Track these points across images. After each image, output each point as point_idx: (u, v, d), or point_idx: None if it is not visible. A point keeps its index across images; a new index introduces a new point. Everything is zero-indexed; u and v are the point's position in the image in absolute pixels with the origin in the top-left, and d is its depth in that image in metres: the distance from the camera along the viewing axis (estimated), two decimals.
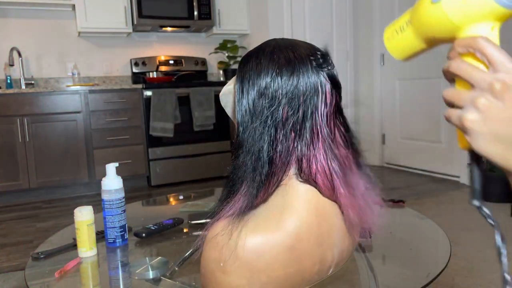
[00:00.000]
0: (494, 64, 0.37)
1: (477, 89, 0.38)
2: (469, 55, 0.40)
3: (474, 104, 0.38)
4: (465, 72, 0.39)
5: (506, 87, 0.36)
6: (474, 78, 0.38)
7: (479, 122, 0.38)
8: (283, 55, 0.63)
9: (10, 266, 1.98)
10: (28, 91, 3.17)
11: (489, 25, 0.40)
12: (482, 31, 0.40)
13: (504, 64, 0.37)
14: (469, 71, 0.39)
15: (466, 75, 0.39)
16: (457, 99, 0.40)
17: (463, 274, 1.67)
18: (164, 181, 3.56)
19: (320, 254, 0.63)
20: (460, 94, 0.39)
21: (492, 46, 0.38)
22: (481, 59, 0.39)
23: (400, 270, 0.84)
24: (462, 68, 0.39)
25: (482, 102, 0.37)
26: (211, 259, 0.60)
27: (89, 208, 0.95)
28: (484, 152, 0.38)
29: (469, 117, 0.38)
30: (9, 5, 3.49)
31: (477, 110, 0.37)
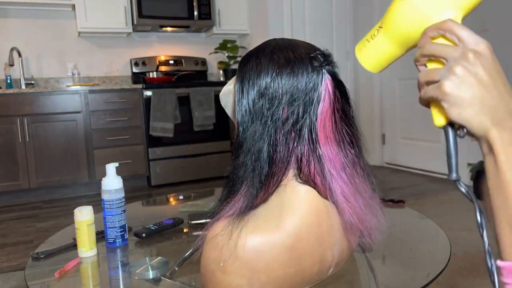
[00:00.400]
0: (463, 40, 0.41)
1: (451, 60, 0.41)
2: (439, 37, 0.43)
3: (451, 71, 0.41)
4: (438, 50, 0.42)
5: (478, 54, 0.41)
6: (447, 52, 0.42)
7: (456, 86, 0.40)
8: (283, 55, 0.63)
9: (10, 266, 1.98)
10: (28, 91, 3.17)
11: (453, 14, 0.45)
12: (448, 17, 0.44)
13: (473, 37, 0.41)
14: (442, 48, 0.42)
15: (440, 52, 0.42)
16: (434, 74, 0.43)
17: (463, 274, 1.67)
18: (164, 181, 3.56)
19: (320, 254, 0.63)
20: (436, 70, 0.43)
21: (460, 26, 0.42)
22: (451, 39, 0.42)
23: (400, 270, 0.84)
24: (435, 47, 0.43)
25: (458, 68, 0.40)
26: (211, 259, 0.60)
27: (89, 208, 0.95)
28: (461, 117, 0.41)
29: (447, 83, 0.41)
30: (9, 5, 3.49)
31: (454, 75, 0.41)
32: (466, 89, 0.40)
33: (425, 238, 1.02)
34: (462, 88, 0.40)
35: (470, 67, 0.40)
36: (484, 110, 0.40)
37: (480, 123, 0.41)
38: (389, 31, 0.49)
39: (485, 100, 0.40)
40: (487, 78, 0.40)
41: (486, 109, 0.40)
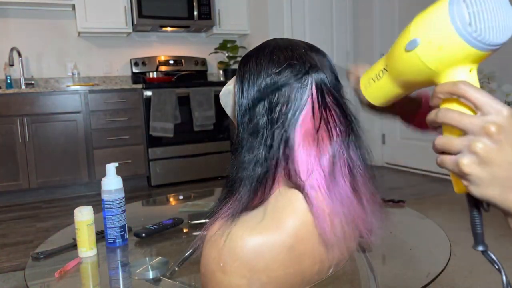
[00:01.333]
0: (481, 107, 0.37)
1: (470, 134, 0.37)
2: (452, 100, 0.39)
3: (470, 149, 0.37)
4: (454, 120, 0.38)
5: (501, 128, 0.36)
6: (465, 124, 0.37)
7: (477, 166, 0.37)
8: (283, 55, 0.63)
9: (10, 266, 1.98)
10: (28, 91, 3.17)
11: (467, 68, 0.40)
12: (461, 75, 0.40)
13: (492, 105, 0.37)
14: (458, 118, 0.38)
15: (456, 122, 0.38)
16: (451, 146, 0.39)
17: (463, 274, 1.67)
18: (164, 181, 3.56)
19: (320, 254, 0.63)
20: (453, 141, 0.39)
21: (475, 90, 0.37)
22: (466, 104, 0.38)
23: (400, 270, 0.84)
24: (450, 116, 0.38)
25: (479, 146, 0.36)
26: (211, 259, 0.60)
27: (89, 208, 0.95)
28: (484, 196, 0.38)
29: (467, 162, 0.37)
30: (9, 5, 3.49)
31: (474, 154, 0.37)
32: (488, 169, 0.37)
33: (425, 238, 1.02)
34: (484, 168, 0.37)
35: (492, 145, 0.36)
36: (508, 187, 0.37)
37: (506, 201, 0.37)
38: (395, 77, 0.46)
39: (509, 178, 0.37)
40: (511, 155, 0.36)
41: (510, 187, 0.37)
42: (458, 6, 0.37)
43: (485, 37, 0.37)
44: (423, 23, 0.40)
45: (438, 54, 0.39)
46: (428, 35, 0.40)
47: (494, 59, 0.85)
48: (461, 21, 0.37)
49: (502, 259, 0.44)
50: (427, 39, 0.40)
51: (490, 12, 0.37)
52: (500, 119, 0.36)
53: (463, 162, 0.37)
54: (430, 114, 0.40)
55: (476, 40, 0.37)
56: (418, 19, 0.41)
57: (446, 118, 0.39)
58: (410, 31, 0.42)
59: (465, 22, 0.37)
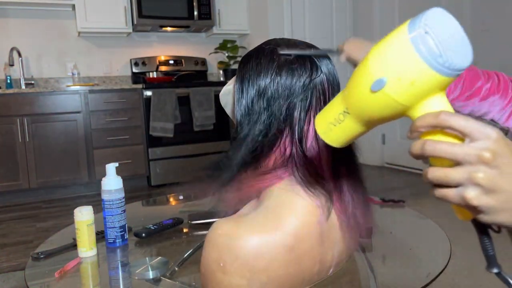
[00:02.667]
0: (469, 134, 0.36)
1: (466, 164, 0.36)
2: (435, 132, 0.39)
3: (472, 181, 0.36)
4: (445, 152, 0.37)
5: (495, 153, 0.36)
6: (457, 154, 0.37)
7: (485, 196, 0.36)
8: (283, 56, 0.63)
9: (10, 266, 1.98)
10: (28, 91, 3.17)
11: (439, 95, 0.40)
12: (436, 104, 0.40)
13: (480, 130, 0.36)
14: (449, 149, 0.37)
15: (448, 154, 0.37)
16: (449, 180, 0.38)
17: (463, 274, 1.67)
18: (164, 181, 3.56)
19: (320, 254, 0.63)
20: (451, 174, 0.38)
21: (458, 118, 0.37)
22: (452, 133, 0.38)
23: (400, 270, 0.84)
24: (440, 148, 0.37)
25: (480, 176, 0.36)
26: (211, 259, 0.60)
27: (89, 208, 0.95)
28: (496, 222, 0.38)
29: (474, 195, 0.36)
30: (9, 5, 3.49)
31: (478, 185, 0.36)
32: (496, 196, 0.36)
33: (425, 238, 1.02)
34: (491, 196, 0.36)
35: (492, 172, 0.36)
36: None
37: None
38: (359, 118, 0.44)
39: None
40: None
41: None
42: (422, 39, 0.36)
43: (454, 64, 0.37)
44: (385, 60, 0.39)
45: (410, 89, 0.38)
46: (395, 73, 0.38)
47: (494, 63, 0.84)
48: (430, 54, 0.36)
49: (502, 259, 0.44)
50: (396, 76, 0.38)
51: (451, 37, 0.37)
52: (491, 144, 0.36)
53: (469, 196, 0.36)
54: (414, 147, 0.39)
55: (448, 69, 0.37)
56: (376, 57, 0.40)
57: (436, 151, 0.38)
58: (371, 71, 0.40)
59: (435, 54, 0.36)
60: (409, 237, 1.02)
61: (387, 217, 1.18)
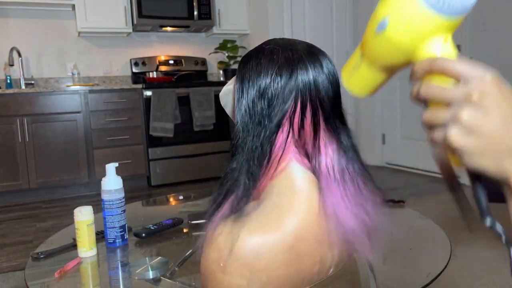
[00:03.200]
0: (462, 77, 0.36)
1: (455, 104, 0.37)
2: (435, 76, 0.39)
3: (456, 120, 0.36)
4: (437, 93, 0.38)
5: (483, 94, 0.35)
6: (448, 95, 0.37)
7: (466, 136, 0.36)
8: (283, 55, 0.63)
9: (10, 266, 1.98)
10: (28, 91, 3.17)
11: (441, 38, 0.40)
12: (436, 47, 0.40)
13: (473, 73, 0.36)
14: (441, 91, 0.37)
15: (439, 96, 0.38)
16: (436, 119, 0.38)
17: (463, 274, 1.67)
18: (164, 181, 3.56)
19: (320, 254, 0.63)
20: (438, 113, 0.38)
21: (453, 62, 0.37)
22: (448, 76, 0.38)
23: (400, 270, 0.84)
24: (432, 91, 0.38)
25: (464, 115, 0.36)
26: (211, 259, 0.60)
27: (89, 208, 0.95)
28: (478, 166, 0.37)
29: (455, 134, 0.36)
30: (9, 5, 3.49)
31: (460, 124, 0.36)
32: (476, 137, 0.35)
33: (425, 238, 1.02)
34: (473, 137, 0.36)
35: (477, 111, 0.35)
36: (501, 155, 0.36)
37: (499, 169, 0.36)
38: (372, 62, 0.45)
39: (501, 143, 0.35)
40: (500, 119, 0.35)
41: (504, 154, 0.36)
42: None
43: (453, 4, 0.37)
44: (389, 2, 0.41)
45: (409, 30, 0.39)
46: (396, 14, 0.39)
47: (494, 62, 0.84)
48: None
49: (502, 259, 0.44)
50: (396, 17, 0.39)
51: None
52: (482, 85, 0.35)
53: (450, 134, 0.36)
54: (413, 89, 0.40)
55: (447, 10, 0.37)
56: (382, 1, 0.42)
57: (428, 93, 0.38)
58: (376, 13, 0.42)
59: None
60: (409, 237, 1.02)
61: (387, 217, 1.18)
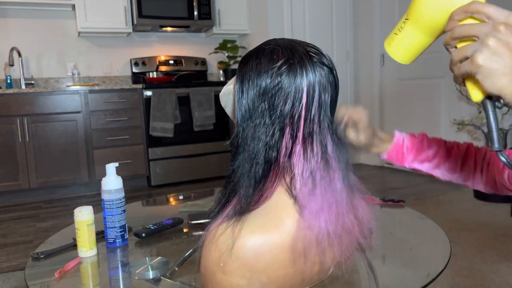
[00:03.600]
0: (492, 16, 0.43)
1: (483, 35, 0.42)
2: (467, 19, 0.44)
3: (483, 44, 0.42)
4: (469, 29, 0.43)
5: (509, 25, 0.41)
6: (478, 30, 0.43)
7: (489, 58, 0.41)
8: (283, 55, 0.63)
9: (10, 266, 1.98)
10: (28, 91, 3.17)
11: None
12: None
13: (501, 13, 0.42)
14: (472, 27, 0.43)
15: (471, 31, 0.43)
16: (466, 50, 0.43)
17: (463, 274, 1.67)
18: (164, 181, 3.56)
19: (320, 254, 0.63)
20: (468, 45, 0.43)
21: (486, 4, 0.43)
22: (479, 18, 0.43)
23: (400, 270, 0.84)
24: (465, 28, 0.44)
25: (490, 40, 0.41)
26: (211, 259, 0.60)
27: (89, 208, 0.95)
28: (495, 87, 0.42)
29: (480, 56, 0.42)
30: (9, 5, 3.49)
31: (486, 47, 0.41)
32: (499, 59, 0.41)
33: (425, 238, 1.02)
34: (495, 58, 0.41)
35: (501, 37, 0.41)
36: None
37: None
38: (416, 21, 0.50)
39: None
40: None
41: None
42: None
43: None
44: None
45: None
46: None
47: None
48: None
49: (502, 259, 0.44)
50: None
51: None
52: (508, 20, 0.42)
53: (476, 56, 0.42)
54: (446, 36, 0.46)
55: None
56: None
57: (460, 31, 0.44)
58: None
59: None
60: (409, 237, 1.02)
61: (387, 217, 1.18)
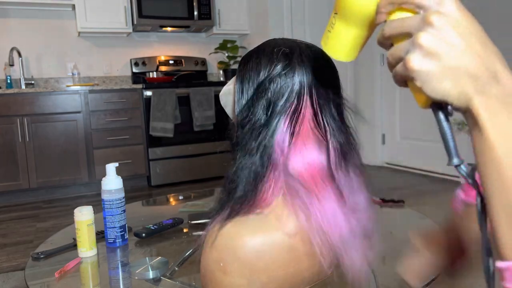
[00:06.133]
0: (421, 4, 0.35)
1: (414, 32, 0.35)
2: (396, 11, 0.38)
3: (414, 44, 0.34)
4: (398, 26, 0.36)
5: (443, 14, 0.34)
6: (407, 25, 0.35)
7: (423, 59, 0.34)
8: (283, 55, 0.63)
9: (10, 266, 1.98)
10: (28, 91, 3.17)
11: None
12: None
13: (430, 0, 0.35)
14: (401, 23, 0.36)
15: (400, 28, 0.36)
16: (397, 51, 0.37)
17: (463, 274, 1.67)
18: (164, 181, 3.56)
19: (320, 254, 0.63)
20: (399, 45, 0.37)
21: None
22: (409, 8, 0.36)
23: None
24: (393, 25, 0.37)
25: (421, 37, 0.34)
26: (211, 259, 0.60)
27: (89, 208, 0.95)
28: (437, 92, 0.35)
29: (413, 58, 0.34)
30: (9, 5, 3.49)
31: (419, 48, 0.34)
32: (434, 59, 0.34)
33: None
34: (429, 59, 0.34)
35: (435, 33, 0.34)
36: (462, 78, 0.34)
37: (460, 93, 0.34)
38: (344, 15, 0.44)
39: (461, 66, 0.34)
40: (459, 41, 0.34)
41: (464, 77, 0.34)
42: None
43: None
44: None
45: None
46: None
47: None
48: None
49: None
50: None
51: None
52: (439, 7, 0.34)
53: (409, 59, 0.35)
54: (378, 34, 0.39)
55: None
56: None
57: (390, 28, 0.37)
58: None
59: None
60: (409, 237, 1.02)
61: (387, 217, 1.18)
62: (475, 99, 0.34)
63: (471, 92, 0.34)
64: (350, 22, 0.44)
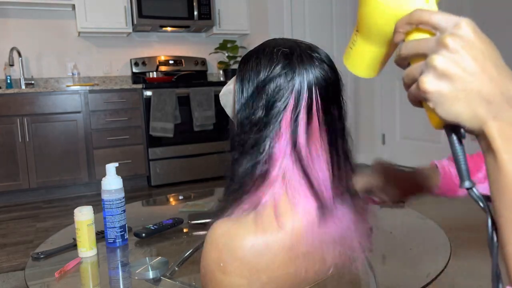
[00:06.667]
0: (438, 26, 0.35)
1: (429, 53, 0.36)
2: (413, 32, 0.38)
3: (429, 65, 0.35)
4: (413, 46, 0.37)
5: (458, 37, 0.34)
6: (423, 46, 0.36)
7: (437, 81, 0.34)
8: (283, 55, 0.63)
9: (10, 266, 1.98)
10: (28, 91, 3.17)
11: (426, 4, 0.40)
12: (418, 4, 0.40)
13: (448, 20, 0.35)
14: (417, 44, 0.37)
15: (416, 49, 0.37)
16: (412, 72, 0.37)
17: (463, 274, 1.67)
18: (164, 181, 3.56)
19: (320, 253, 0.63)
20: (414, 66, 0.37)
21: (428, 12, 0.36)
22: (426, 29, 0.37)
23: (400, 270, 0.84)
24: (409, 46, 0.37)
25: (436, 59, 0.34)
26: (211, 259, 0.60)
27: (89, 208, 0.95)
28: (451, 115, 0.35)
29: (426, 79, 0.35)
30: (9, 5, 3.49)
31: (433, 70, 0.35)
32: (448, 82, 0.34)
33: (425, 238, 1.02)
34: (443, 82, 0.34)
35: (449, 55, 0.34)
36: (474, 102, 0.34)
37: (473, 117, 0.34)
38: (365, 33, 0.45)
39: (474, 90, 0.34)
40: (473, 64, 0.34)
41: (477, 101, 0.34)
42: None
43: None
44: None
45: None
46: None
47: None
48: None
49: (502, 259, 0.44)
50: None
51: None
52: (455, 30, 0.34)
53: (422, 80, 0.35)
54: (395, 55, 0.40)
55: None
56: None
57: (406, 49, 0.37)
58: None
59: None
60: (409, 237, 1.02)
61: (387, 217, 1.18)
62: (489, 124, 0.34)
63: (484, 116, 0.34)
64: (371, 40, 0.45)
